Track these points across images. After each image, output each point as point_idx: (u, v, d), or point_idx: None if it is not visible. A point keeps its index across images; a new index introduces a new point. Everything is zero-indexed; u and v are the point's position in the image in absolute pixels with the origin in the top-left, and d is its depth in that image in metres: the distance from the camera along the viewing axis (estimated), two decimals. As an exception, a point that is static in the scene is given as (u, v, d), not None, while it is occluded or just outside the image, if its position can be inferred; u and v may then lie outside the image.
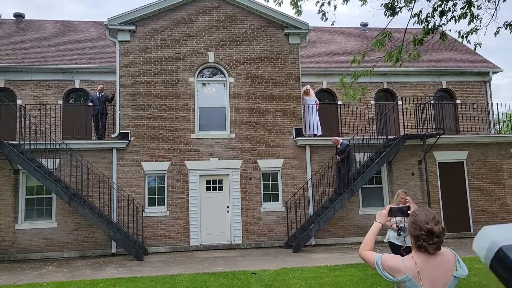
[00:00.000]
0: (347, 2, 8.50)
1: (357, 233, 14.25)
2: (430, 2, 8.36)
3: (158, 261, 11.92)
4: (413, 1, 8.22)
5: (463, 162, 15.52)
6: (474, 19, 8.25)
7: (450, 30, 8.77)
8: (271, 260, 11.48)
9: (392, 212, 2.75)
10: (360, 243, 13.34)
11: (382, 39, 8.54)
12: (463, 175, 15.47)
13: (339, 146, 13.75)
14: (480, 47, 8.36)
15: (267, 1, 8.81)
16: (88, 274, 10.19)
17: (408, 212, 2.70)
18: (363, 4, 8.52)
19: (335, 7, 8.71)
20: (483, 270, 8.40)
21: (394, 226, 6.43)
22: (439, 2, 8.28)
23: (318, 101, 15.44)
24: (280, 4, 8.57)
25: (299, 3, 8.39)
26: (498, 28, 8.28)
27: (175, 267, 10.85)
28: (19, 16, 20.05)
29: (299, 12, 8.51)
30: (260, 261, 11.37)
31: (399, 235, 6.49)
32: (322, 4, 8.51)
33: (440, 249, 2.41)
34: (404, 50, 8.72)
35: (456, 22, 8.26)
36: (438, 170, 15.31)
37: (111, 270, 10.66)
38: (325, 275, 9.14)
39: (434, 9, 8.39)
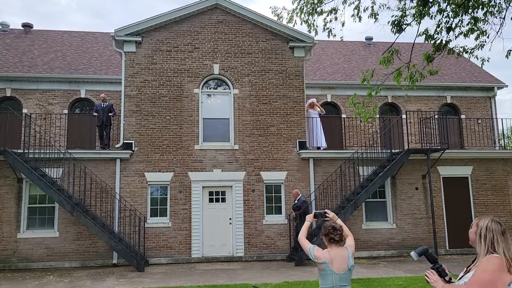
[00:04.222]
0: (360, 19, 8.43)
1: (361, 248, 14.08)
2: (434, 19, 8.36)
3: (159, 272, 11.84)
4: (420, 18, 8.20)
5: (467, 177, 15.42)
6: (481, 35, 8.21)
7: (456, 46, 8.72)
8: (273, 273, 11.38)
9: (316, 215, 4.16)
10: (363, 258, 13.19)
11: (390, 56, 8.50)
12: (468, 191, 15.36)
13: (296, 201, 13.38)
14: (489, 61, 8.33)
15: (281, 21, 8.78)
16: (89, 285, 10.13)
17: (326, 215, 4.13)
18: (375, 21, 8.52)
19: (343, 24, 8.68)
20: None
21: None
22: (445, 19, 8.27)
23: (323, 110, 15.42)
24: (294, 24, 8.59)
25: (312, 22, 8.39)
26: (509, 50, 8.19)
27: (175, 279, 10.76)
28: (27, 26, 20.28)
29: (316, 32, 8.52)
30: (262, 274, 11.27)
31: None
32: (330, 21, 8.51)
33: (342, 240, 3.89)
34: (415, 70, 8.66)
35: (465, 37, 8.21)
36: (442, 185, 15.21)
37: (111, 281, 10.59)
38: (328, 289, 9.02)
39: (438, 26, 8.38)
